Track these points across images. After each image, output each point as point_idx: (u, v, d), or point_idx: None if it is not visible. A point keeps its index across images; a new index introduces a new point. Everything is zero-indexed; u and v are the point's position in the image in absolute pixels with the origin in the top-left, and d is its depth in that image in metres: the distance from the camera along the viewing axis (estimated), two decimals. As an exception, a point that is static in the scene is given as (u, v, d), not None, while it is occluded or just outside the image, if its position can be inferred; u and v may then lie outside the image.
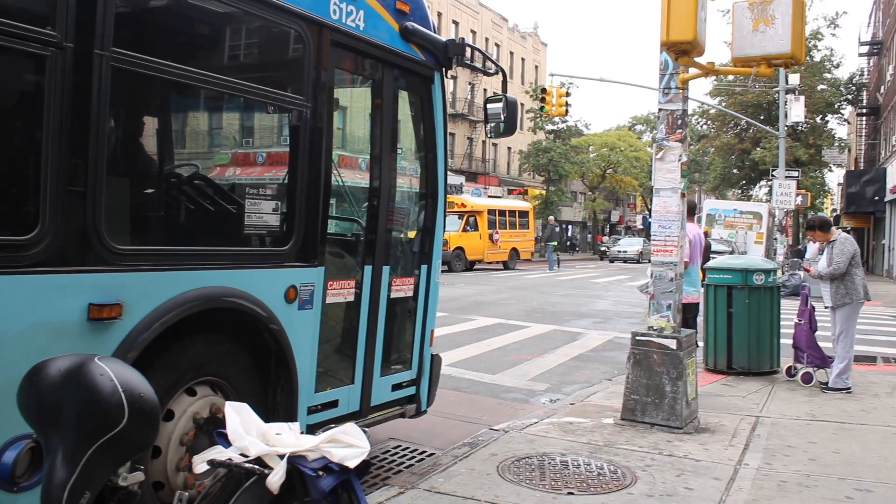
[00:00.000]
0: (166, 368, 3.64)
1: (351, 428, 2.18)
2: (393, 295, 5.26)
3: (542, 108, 29.76)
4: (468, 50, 5.53)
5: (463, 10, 49.95)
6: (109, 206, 3.27)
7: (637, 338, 6.44)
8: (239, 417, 2.08)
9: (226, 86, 4.10)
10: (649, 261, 6.81)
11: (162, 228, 4.06)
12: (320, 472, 2.03)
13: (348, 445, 2.11)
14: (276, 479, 1.96)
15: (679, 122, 6.34)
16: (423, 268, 5.62)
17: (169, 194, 4.26)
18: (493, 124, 5.74)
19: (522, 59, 58.41)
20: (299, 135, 4.37)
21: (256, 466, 2.02)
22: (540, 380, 9.12)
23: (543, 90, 28.61)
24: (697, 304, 8.43)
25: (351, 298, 4.91)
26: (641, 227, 68.79)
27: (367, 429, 2.24)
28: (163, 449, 3.68)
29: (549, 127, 49.00)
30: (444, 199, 5.68)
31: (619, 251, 48.20)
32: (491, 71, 5.97)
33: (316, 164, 4.41)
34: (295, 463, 2.03)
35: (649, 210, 54.23)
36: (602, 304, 18.61)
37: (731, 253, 25.31)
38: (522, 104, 46.60)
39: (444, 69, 5.56)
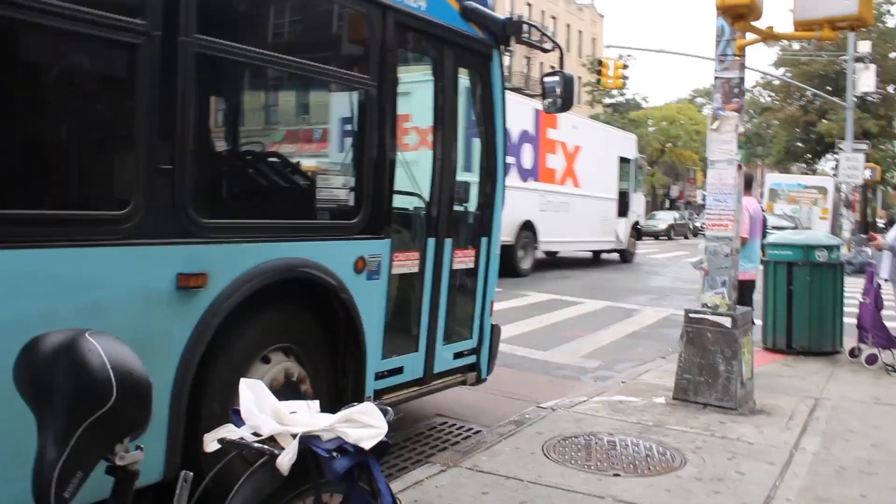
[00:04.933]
0: (246, 335, 3.86)
1: (368, 407, 2.08)
2: (455, 266, 5.42)
3: (598, 80, 29.18)
4: (525, 27, 5.59)
5: (519, -17, 49.29)
6: (195, 182, 3.48)
7: (690, 315, 6.24)
8: (253, 395, 2.01)
9: (297, 67, 4.34)
10: (703, 235, 6.58)
11: (242, 203, 4.31)
12: (335, 454, 1.94)
13: (365, 426, 2.00)
14: (286, 460, 1.88)
15: (736, 90, 6.06)
16: (484, 240, 5.72)
17: (248, 170, 4.56)
18: (550, 100, 5.78)
19: (579, 32, 57.48)
20: (366, 113, 4.54)
21: (266, 447, 1.95)
22: (592, 357, 8.97)
23: (600, 63, 28.04)
24: (754, 280, 8.14)
25: (415, 269, 5.09)
26: (701, 202, 67.46)
27: (388, 408, 2.14)
28: None
29: (607, 100, 48.16)
30: (503, 173, 5.79)
31: None
32: (548, 47, 6.06)
33: (382, 141, 4.56)
34: (308, 443, 1.94)
35: (710, 185, 52.47)
36: (659, 281, 18.28)
37: (795, 229, 24.62)
38: (580, 77, 45.90)
39: (502, 46, 5.62)
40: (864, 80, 26.83)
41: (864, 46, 27.08)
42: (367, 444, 1.97)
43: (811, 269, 8.55)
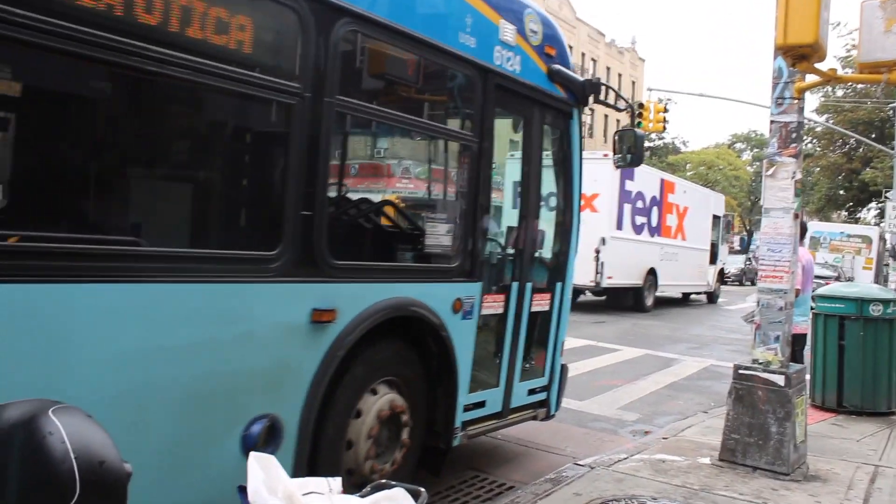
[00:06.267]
0: (361, 367, 4.20)
1: (399, 494, 1.77)
2: (533, 309, 5.74)
3: (639, 123, 28.82)
4: (603, 88, 6.06)
5: (560, 25, 49.38)
6: (329, 226, 3.91)
7: (740, 371, 5.86)
8: (263, 474, 1.70)
9: (414, 125, 5.10)
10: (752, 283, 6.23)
11: (364, 246, 4.87)
12: (356, 551, 1.63)
13: None
14: (298, 560, 1.57)
15: (793, 135, 5.75)
16: (558, 285, 6.08)
17: (369, 217, 5.15)
18: (620, 155, 6.21)
19: (619, 75, 57.41)
20: (468, 168, 4.99)
21: (275, 542, 1.63)
22: (630, 409, 8.57)
23: (641, 105, 27.69)
24: (806, 335, 7.73)
25: (500, 311, 5.43)
26: (739, 247, 66.40)
27: (420, 489, 1.84)
28: (354, 442, 4.25)
29: (646, 144, 47.72)
30: (578, 223, 6.17)
31: None
32: (622, 107, 6.50)
33: (480, 193, 4.99)
34: (325, 537, 1.63)
35: (748, 231, 52.06)
36: (698, 329, 17.76)
37: (837, 279, 23.98)
38: (618, 120, 45.64)
39: (581, 106, 6.03)
40: (912, 129, 26.17)
41: (912, 94, 26.48)
42: (396, 540, 1.65)
43: (865, 324, 8.09)
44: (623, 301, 20.23)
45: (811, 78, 5.53)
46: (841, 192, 42.93)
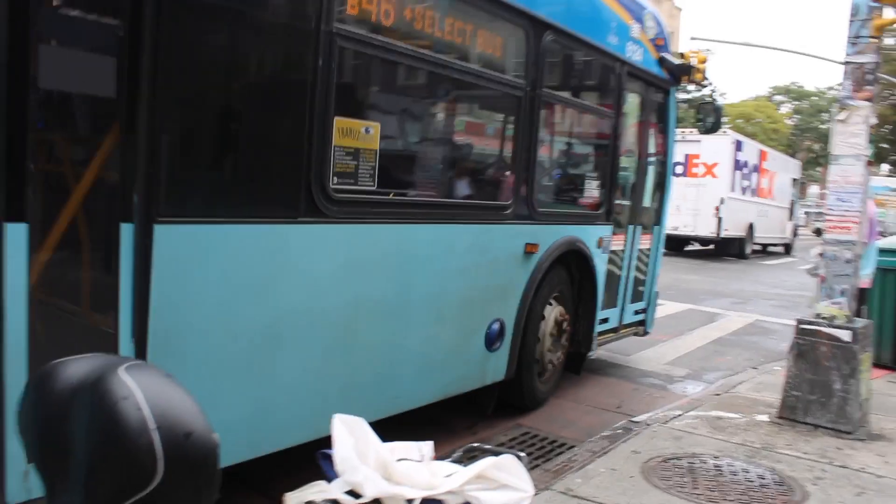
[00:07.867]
0: (547, 285, 5.73)
1: (508, 462, 1.56)
2: (640, 246, 7.38)
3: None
4: (693, 70, 7.45)
5: (595, -27, 48.10)
6: (534, 185, 5.44)
7: (802, 326, 5.61)
8: (352, 438, 1.46)
9: (579, 106, 6.69)
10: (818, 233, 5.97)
11: (554, 198, 6.33)
12: (462, 526, 1.43)
13: (502, 486, 1.48)
14: (400, 536, 1.37)
15: (869, 77, 5.41)
16: (656, 228, 7.76)
17: (555, 177, 6.44)
18: (701, 123, 8.03)
19: (656, 24, 55.92)
20: (608, 136, 6.48)
21: (372, 515, 1.42)
22: (678, 364, 8.36)
23: (681, 56, 26.97)
24: (867, 289, 7.43)
25: (620, 247, 6.99)
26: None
27: (521, 453, 1.65)
28: (541, 339, 5.88)
29: (683, 96, 46.57)
30: (671, 178, 7.95)
31: None
32: (705, 84, 8.21)
33: (615, 155, 6.56)
34: (428, 511, 1.42)
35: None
36: (739, 284, 17.38)
37: (882, 234, 23.34)
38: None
39: (677, 84, 7.53)
40: (965, 79, 25.16)
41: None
42: (508, 514, 1.44)
43: (925, 279, 7.76)
44: (729, 249, 24.42)
45: (891, 14, 5.17)
46: (884, 145, 41.71)
